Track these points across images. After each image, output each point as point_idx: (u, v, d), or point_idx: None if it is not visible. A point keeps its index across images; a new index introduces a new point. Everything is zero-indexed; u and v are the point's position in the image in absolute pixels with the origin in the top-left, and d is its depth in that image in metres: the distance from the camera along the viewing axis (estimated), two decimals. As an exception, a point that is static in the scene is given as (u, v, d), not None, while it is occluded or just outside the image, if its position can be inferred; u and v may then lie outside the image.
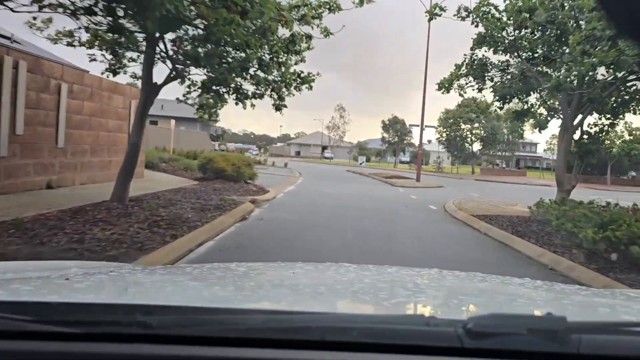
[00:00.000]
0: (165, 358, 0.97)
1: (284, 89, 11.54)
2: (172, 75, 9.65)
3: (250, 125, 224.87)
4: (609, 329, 1.07)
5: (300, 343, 0.99)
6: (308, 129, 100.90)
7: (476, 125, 53.87)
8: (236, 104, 11.14)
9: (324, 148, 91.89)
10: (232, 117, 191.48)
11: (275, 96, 11.79)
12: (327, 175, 33.79)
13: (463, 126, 53.87)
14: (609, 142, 14.52)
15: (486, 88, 13.26)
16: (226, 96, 11.29)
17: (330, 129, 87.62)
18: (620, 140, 42.40)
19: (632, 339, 1.01)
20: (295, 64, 11.55)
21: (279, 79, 11.32)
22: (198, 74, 10.73)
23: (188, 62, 9.52)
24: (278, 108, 12.08)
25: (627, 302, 1.69)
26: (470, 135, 54.44)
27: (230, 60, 9.92)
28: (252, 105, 11.76)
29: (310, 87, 11.81)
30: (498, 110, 13.48)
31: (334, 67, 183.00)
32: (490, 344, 0.97)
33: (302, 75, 11.66)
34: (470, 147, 54.98)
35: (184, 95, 11.13)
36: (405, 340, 0.99)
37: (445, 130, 53.32)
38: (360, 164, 33.20)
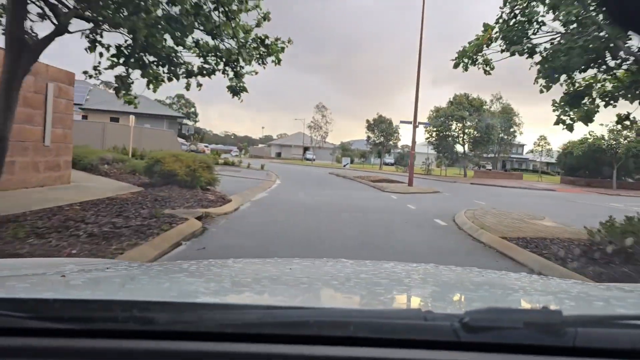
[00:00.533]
0: (163, 353, 0.97)
1: (241, 62, 8.15)
2: (56, 27, 6.20)
3: (232, 127, 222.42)
4: (604, 322, 1.07)
5: (297, 338, 0.99)
6: (291, 131, 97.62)
7: (469, 124, 50.64)
8: (169, 79, 7.74)
9: (305, 149, 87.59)
10: (214, 119, 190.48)
11: (231, 73, 8.37)
12: (308, 178, 30.24)
13: (454, 125, 50.61)
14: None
15: (533, 60, 8.73)
16: (160, 70, 7.87)
17: (312, 129, 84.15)
18: (626, 140, 39.90)
19: (626, 332, 1.01)
20: (258, 25, 8.17)
21: (236, 46, 7.97)
22: (115, 36, 7.31)
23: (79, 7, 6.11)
24: (234, 91, 8.66)
25: (622, 295, 1.71)
26: (462, 135, 51.21)
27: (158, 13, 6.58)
28: (199, 86, 8.38)
29: (278, 60, 8.45)
30: (544, 90, 9.43)
31: (315, 69, 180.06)
32: (487, 338, 0.97)
33: (266, 41, 8.28)
34: (463, 147, 51.79)
35: (94, 68, 7.68)
36: (402, 334, 0.99)
37: (435, 129, 50.09)
38: (344, 165, 30.94)
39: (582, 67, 8.31)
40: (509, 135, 58.18)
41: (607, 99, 9.00)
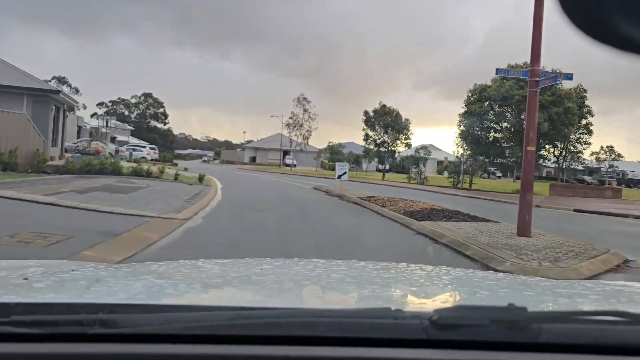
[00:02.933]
0: (130, 357, 0.95)
1: None
2: None
3: (213, 132, 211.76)
4: (567, 318, 1.09)
5: (268, 339, 0.98)
6: (270, 134, 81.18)
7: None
8: None
9: (285, 153, 72.85)
10: (194, 123, 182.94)
11: None
12: (279, 203, 15.76)
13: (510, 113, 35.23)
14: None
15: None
16: None
17: (291, 127, 67.79)
18: None
19: (587, 327, 1.04)
20: None
21: None
22: None
23: None
24: None
25: (584, 292, 1.74)
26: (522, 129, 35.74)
27: None
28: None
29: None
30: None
31: (297, 74, 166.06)
32: (455, 335, 0.98)
33: None
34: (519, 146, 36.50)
35: None
36: (373, 333, 1.00)
37: (473, 128, 35.24)
38: (340, 176, 19.96)
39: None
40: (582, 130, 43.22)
41: None
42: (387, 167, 69.42)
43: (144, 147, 48.57)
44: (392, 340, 0.99)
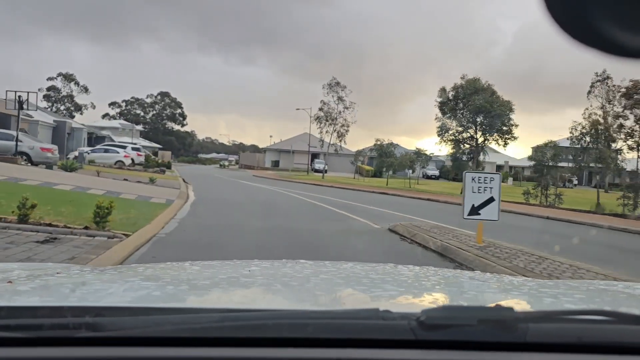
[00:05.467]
0: None
1: None
2: None
3: (240, 137, 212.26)
4: (553, 317, 1.12)
5: (256, 341, 0.98)
6: (297, 135, 68.60)
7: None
8: None
9: (313, 156, 59.70)
10: (222, 128, 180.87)
11: None
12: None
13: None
14: None
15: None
16: None
17: (322, 121, 50.12)
18: None
19: (572, 326, 1.06)
20: None
21: None
22: None
23: None
24: None
25: (569, 291, 1.77)
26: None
27: None
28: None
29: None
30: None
31: (321, 78, 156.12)
32: (443, 336, 0.99)
33: None
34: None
35: None
36: (361, 334, 1.00)
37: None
38: (478, 209, 7.07)
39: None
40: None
41: None
42: (437, 172, 56.11)
43: (125, 147, 37.38)
44: (380, 340, 0.99)
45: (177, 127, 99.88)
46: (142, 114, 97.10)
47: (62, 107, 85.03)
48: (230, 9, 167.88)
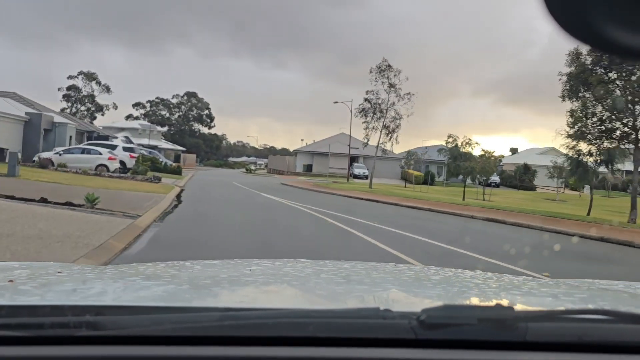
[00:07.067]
0: (118, 359, 0.95)
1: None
2: None
3: (271, 141, 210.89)
4: (553, 316, 1.12)
5: (257, 340, 0.98)
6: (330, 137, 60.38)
7: None
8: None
9: (352, 159, 51.18)
10: (253, 132, 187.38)
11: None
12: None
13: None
14: None
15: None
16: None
17: (367, 114, 38.69)
18: None
19: (572, 325, 1.05)
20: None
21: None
22: None
23: None
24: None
25: (569, 290, 1.76)
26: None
27: None
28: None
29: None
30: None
31: (354, 81, 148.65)
32: (443, 335, 0.99)
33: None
34: None
35: None
36: (361, 333, 1.00)
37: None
38: None
39: None
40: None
41: None
42: (498, 179, 47.16)
43: (114, 146, 30.24)
44: (381, 340, 0.99)
45: (204, 129, 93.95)
46: (167, 115, 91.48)
47: (82, 108, 79.72)
48: (261, 14, 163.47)
